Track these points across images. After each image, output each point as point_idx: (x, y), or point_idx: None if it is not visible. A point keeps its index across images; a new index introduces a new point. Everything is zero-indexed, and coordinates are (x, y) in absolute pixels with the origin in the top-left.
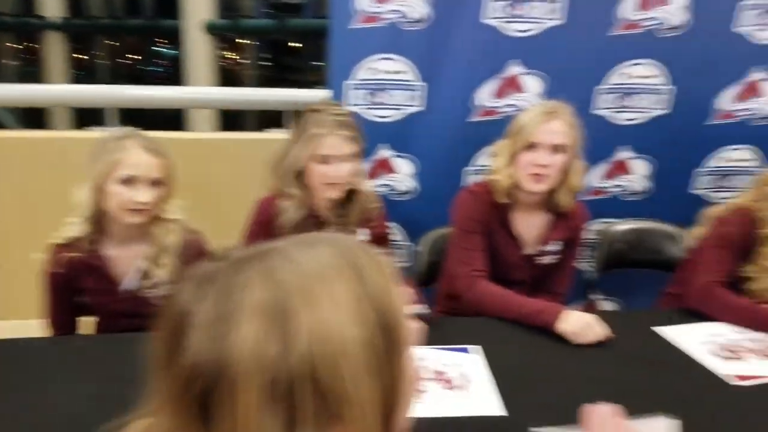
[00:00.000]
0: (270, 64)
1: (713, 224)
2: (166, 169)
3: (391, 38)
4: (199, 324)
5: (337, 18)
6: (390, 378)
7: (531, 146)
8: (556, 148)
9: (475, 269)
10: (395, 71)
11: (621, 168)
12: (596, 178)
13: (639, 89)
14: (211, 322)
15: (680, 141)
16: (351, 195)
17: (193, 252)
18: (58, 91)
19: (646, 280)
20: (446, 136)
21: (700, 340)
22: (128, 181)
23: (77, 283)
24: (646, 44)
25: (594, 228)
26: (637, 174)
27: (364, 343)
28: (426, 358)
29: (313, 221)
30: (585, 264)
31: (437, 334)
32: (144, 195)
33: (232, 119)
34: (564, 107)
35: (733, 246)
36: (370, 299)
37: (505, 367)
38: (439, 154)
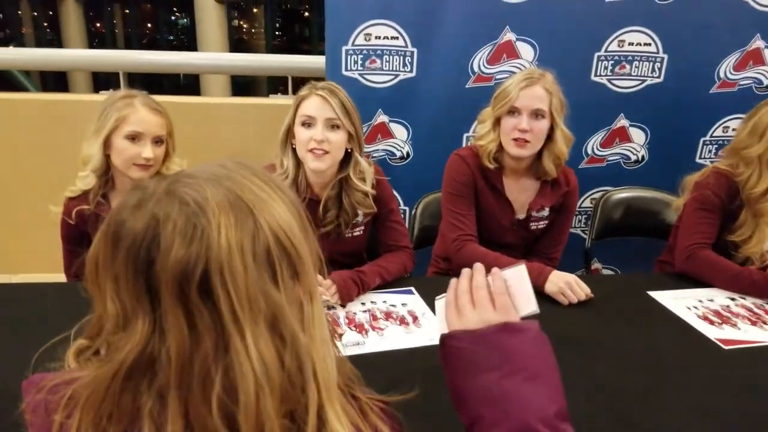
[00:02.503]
0: (280, 33)
1: (692, 189)
2: (168, 128)
3: (385, 4)
4: (171, 230)
5: None
6: (312, 245)
7: (513, 111)
8: (537, 113)
9: (463, 233)
10: (390, 37)
11: (620, 136)
12: (595, 145)
13: (634, 57)
14: (182, 225)
15: (675, 109)
16: (342, 181)
17: None
18: (76, 55)
19: (643, 248)
20: (439, 101)
21: (689, 305)
22: (133, 137)
23: (89, 233)
24: (640, 11)
25: (591, 196)
26: (636, 142)
27: (297, 222)
28: (376, 301)
29: (308, 204)
30: (582, 232)
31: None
32: (148, 151)
33: (243, 86)
34: (546, 74)
35: (713, 208)
36: (290, 200)
37: None
38: (432, 120)
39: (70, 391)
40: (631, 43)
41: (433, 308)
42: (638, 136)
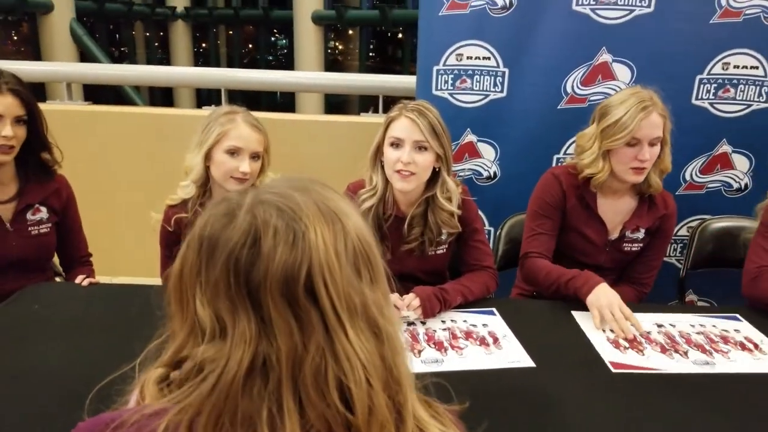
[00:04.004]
0: (373, 54)
1: (762, 215)
2: (265, 144)
3: (478, 24)
4: (272, 236)
5: (427, 4)
6: (382, 257)
7: (633, 141)
8: (655, 141)
9: (536, 251)
10: (482, 57)
11: (721, 162)
12: (694, 172)
13: (738, 80)
14: (283, 231)
15: None
16: (429, 200)
17: None
18: (181, 73)
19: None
20: (530, 122)
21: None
22: (233, 152)
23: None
24: (747, 32)
25: (688, 224)
26: (739, 170)
27: (371, 233)
28: (456, 320)
29: (394, 220)
30: (677, 261)
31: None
32: (246, 165)
33: (336, 106)
34: (654, 96)
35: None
36: (362, 213)
37: (529, 329)
38: (521, 140)
39: (164, 422)
40: (736, 66)
41: (514, 330)
42: (742, 163)
